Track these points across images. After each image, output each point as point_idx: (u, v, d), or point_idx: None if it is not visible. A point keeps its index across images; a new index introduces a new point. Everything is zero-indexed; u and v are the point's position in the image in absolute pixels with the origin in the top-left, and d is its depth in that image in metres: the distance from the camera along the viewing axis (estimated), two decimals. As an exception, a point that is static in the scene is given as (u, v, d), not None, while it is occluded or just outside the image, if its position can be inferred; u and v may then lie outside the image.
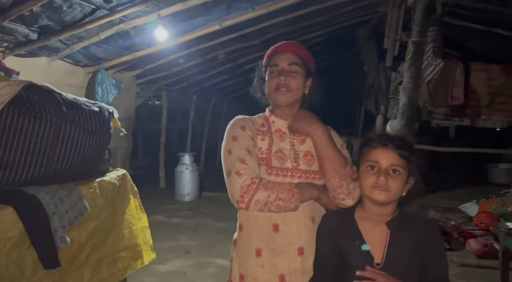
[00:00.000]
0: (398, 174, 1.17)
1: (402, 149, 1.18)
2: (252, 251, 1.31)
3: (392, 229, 1.19)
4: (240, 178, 1.21)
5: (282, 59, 1.36)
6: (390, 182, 1.16)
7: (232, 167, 1.25)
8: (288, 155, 1.35)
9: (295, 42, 1.43)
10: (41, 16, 2.74)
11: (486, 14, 4.29)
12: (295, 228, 1.29)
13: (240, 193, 1.20)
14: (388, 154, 1.18)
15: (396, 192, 1.17)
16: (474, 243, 3.79)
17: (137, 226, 2.30)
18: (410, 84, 3.51)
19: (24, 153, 1.67)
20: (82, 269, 1.85)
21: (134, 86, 5.31)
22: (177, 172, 6.31)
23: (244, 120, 1.39)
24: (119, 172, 2.24)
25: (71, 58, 3.75)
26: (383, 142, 1.20)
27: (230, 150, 1.29)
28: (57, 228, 1.64)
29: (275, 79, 1.34)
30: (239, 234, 1.38)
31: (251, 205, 1.21)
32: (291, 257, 1.28)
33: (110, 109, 2.07)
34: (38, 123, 1.69)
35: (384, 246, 1.18)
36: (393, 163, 1.17)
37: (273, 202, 1.21)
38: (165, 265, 3.69)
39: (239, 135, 1.32)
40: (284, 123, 1.41)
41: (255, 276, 1.30)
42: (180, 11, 3.33)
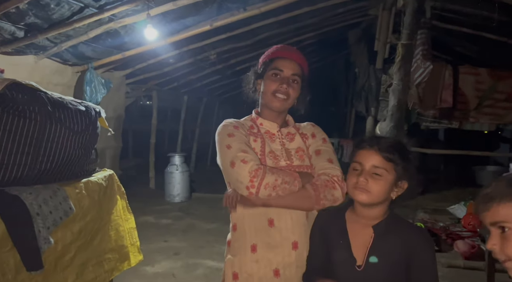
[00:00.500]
0: (381, 176, 1.16)
1: (388, 152, 1.17)
2: (247, 248, 1.32)
3: (377, 233, 1.19)
4: (247, 165, 1.22)
5: (288, 67, 1.38)
6: (371, 183, 1.15)
7: (235, 157, 1.25)
8: (281, 155, 1.38)
9: (298, 51, 1.45)
10: (28, 13, 2.69)
11: (474, 18, 4.35)
12: (290, 223, 1.30)
13: (249, 177, 1.21)
14: (372, 155, 1.18)
15: (377, 194, 1.16)
16: (462, 244, 3.84)
17: (124, 227, 2.27)
18: (399, 86, 3.54)
19: (7, 152, 1.63)
20: (66, 271, 1.82)
21: (123, 86, 5.26)
22: (167, 173, 6.26)
23: (235, 121, 1.42)
24: (106, 172, 2.21)
25: (59, 57, 3.69)
26: (370, 144, 1.20)
27: (229, 144, 1.30)
28: (40, 229, 1.60)
29: (277, 83, 1.37)
30: (233, 234, 1.39)
31: (261, 189, 1.21)
32: (285, 251, 1.30)
33: (97, 108, 2.04)
34: (22, 123, 1.66)
35: (367, 249, 1.17)
36: (375, 165, 1.16)
37: (280, 185, 1.23)
38: (153, 266, 3.66)
39: (234, 132, 1.34)
40: (272, 125, 1.43)
41: (250, 272, 1.31)
42: (171, 11, 3.30)
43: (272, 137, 1.41)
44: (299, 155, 1.39)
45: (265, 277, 1.30)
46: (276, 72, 1.38)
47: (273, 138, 1.41)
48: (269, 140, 1.40)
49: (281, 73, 1.37)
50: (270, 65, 1.40)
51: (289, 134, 1.45)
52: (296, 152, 1.40)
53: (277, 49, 1.43)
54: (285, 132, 1.45)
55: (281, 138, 1.42)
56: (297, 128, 1.49)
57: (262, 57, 1.47)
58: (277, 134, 1.42)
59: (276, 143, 1.40)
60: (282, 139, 1.42)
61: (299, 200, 1.27)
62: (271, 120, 1.43)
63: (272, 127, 1.43)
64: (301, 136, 1.46)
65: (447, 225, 4.47)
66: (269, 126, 1.43)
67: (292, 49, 1.44)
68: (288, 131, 1.45)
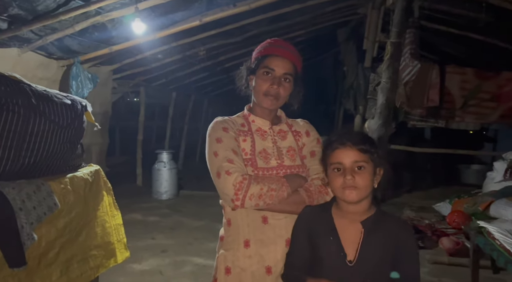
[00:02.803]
0: (364, 169, 1.18)
1: (361, 144, 1.19)
2: (240, 243, 1.33)
3: (366, 228, 1.20)
4: (231, 176, 1.22)
5: (280, 66, 1.35)
6: (357, 179, 1.17)
7: (220, 167, 1.25)
8: (272, 153, 1.37)
9: (292, 47, 1.43)
10: (12, 4, 2.61)
11: (461, 19, 4.42)
12: (283, 220, 1.31)
13: (234, 190, 1.21)
14: (349, 152, 1.19)
15: (365, 187, 1.18)
16: (447, 241, 3.90)
17: (111, 223, 2.23)
18: (387, 84, 3.57)
19: (-11, 146, 1.58)
20: (50, 268, 1.78)
21: (110, 81, 5.17)
22: (154, 170, 6.20)
23: (225, 121, 1.39)
24: (92, 167, 2.17)
25: (44, 50, 3.60)
26: (341, 142, 1.21)
27: (216, 151, 1.29)
28: (24, 224, 1.56)
29: (268, 83, 1.35)
30: (227, 229, 1.39)
31: (246, 201, 1.22)
32: (278, 248, 1.30)
33: (83, 102, 2.00)
34: (5, 116, 1.61)
35: (358, 244, 1.19)
36: (355, 160, 1.18)
37: (266, 193, 1.23)
38: (140, 264, 3.62)
39: (222, 137, 1.32)
40: (264, 122, 1.42)
41: (243, 267, 1.32)
42: (160, 5, 3.25)
43: (263, 135, 1.41)
44: (290, 154, 1.39)
45: (257, 272, 1.31)
46: (268, 71, 1.36)
47: (264, 136, 1.40)
48: (260, 138, 1.39)
49: (272, 72, 1.35)
50: (262, 62, 1.37)
51: (281, 131, 1.44)
52: (287, 151, 1.39)
53: (271, 45, 1.40)
54: (277, 129, 1.44)
55: (273, 136, 1.41)
56: (290, 126, 1.48)
57: (255, 52, 1.45)
58: (269, 132, 1.42)
59: (268, 140, 1.40)
60: (274, 137, 1.41)
61: (293, 205, 1.28)
62: (263, 118, 1.43)
63: (264, 124, 1.42)
64: (293, 134, 1.45)
65: (432, 222, 4.54)
66: (261, 123, 1.42)
67: (286, 45, 1.41)
68: (280, 129, 1.45)
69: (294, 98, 1.45)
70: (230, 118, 1.43)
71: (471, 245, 3.08)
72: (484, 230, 2.76)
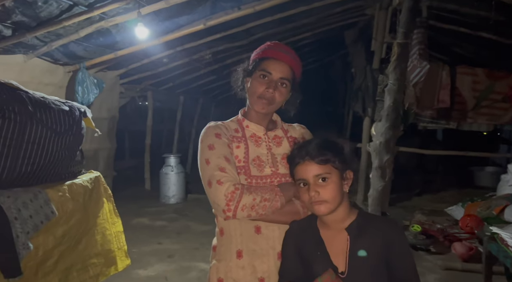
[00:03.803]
0: (328, 180, 1.16)
1: (320, 156, 1.16)
2: (233, 253, 1.30)
3: (352, 235, 1.17)
4: (222, 186, 1.19)
5: (277, 70, 1.31)
6: (322, 192, 1.14)
7: (211, 176, 1.22)
8: (266, 161, 1.33)
9: (292, 52, 1.38)
10: (15, 11, 2.63)
11: (471, 18, 4.31)
12: (277, 232, 1.28)
13: (225, 201, 1.18)
14: (308, 166, 1.16)
15: (333, 197, 1.15)
16: (459, 246, 3.79)
17: (111, 231, 2.21)
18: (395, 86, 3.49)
19: (-15, 154, 1.57)
20: (48, 277, 1.76)
21: (117, 86, 5.19)
22: (162, 174, 6.20)
23: (218, 127, 1.35)
24: (92, 174, 2.15)
25: (49, 56, 3.62)
26: (301, 156, 1.18)
27: (207, 159, 1.26)
28: (19, 234, 1.54)
29: (264, 86, 1.31)
30: (219, 239, 1.36)
31: (238, 212, 1.18)
32: (271, 260, 1.28)
33: (82, 108, 1.98)
34: (1, 123, 1.60)
35: (346, 253, 1.16)
36: (316, 174, 1.15)
37: (259, 204, 1.19)
38: (146, 269, 3.60)
39: (215, 144, 1.28)
40: (259, 128, 1.38)
41: (236, 278, 1.29)
42: (163, 9, 3.24)
43: (258, 141, 1.37)
44: (285, 162, 1.34)
45: None
46: (264, 74, 1.31)
47: (259, 142, 1.37)
48: (254, 144, 1.35)
49: (269, 76, 1.31)
50: (259, 65, 1.33)
51: (276, 137, 1.40)
52: (282, 159, 1.35)
53: (270, 48, 1.36)
54: (272, 135, 1.40)
55: (268, 142, 1.37)
56: (286, 131, 1.44)
57: (253, 53, 1.41)
58: (263, 138, 1.38)
59: (262, 147, 1.36)
60: (269, 143, 1.37)
61: (287, 216, 1.25)
62: (257, 123, 1.38)
63: (258, 130, 1.38)
64: (289, 140, 1.41)
65: (444, 226, 4.42)
66: (255, 129, 1.38)
67: (285, 49, 1.37)
68: (275, 135, 1.41)
69: (290, 104, 1.41)
70: (224, 123, 1.39)
71: (483, 251, 2.97)
72: (497, 236, 2.66)
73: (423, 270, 3.61)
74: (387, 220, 1.27)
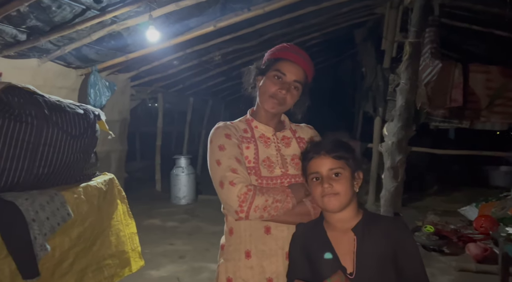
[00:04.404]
0: (340, 175, 1.19)
1: (335, 151, 1.20)
2: (241, 253, 1.30)
3: (358, 235, 1.18)
4: (235, 188, 1.19)
5: (292, 72, 1.32)
6: (335, 185, 1.17)
7: (223, 177, 1.22)
8: (276, 162, 1.34)
9: (307, 56, 1.38)
10: (29, 16, 2.67)
11: (484, 15, 4.25)
12: (286, 232, 1.29)
13: (238, 202, 1.18)
14: (324, 160, 1.20)
15: (345, 191, 1.18)
16: (474, 247, 3.73)
17: (125, 232, 2.23)
18: (407, 85, 3.45)
19: (3, 157, 1.60)
20: (65, 278, 1.78)
21: (128, 88, 5.24)
22: (172, 175, 6.24)
23: (227, 127, 1.35)
24: (106, 176, 2.17)
25: (62, 60, 3.67)
26: (316, 151, 1.22)
27: (218, 160, 1.26)
28: (37, 235, 1.57)
29: (277, 87, 1.31)
30: (228, 238, 1.36)
31: (251, 213, 1.19)
32: (279, 261, 1.28)
33: (96, 111, 2.01)
34: (18, 127, 1.63)
35: (354, 254, 1.16)
36: (331, 168, 1.19)
37: (271, 205, 1.20)
38: (158, 270, 3.62)
39: (225, 144, 1.28)
40: (267, 129, 1.38)
41: (245, 278, 1.29)
42: (174, 12, 3.26)
43: (267, 142, 1.37)
44: (294, 163, 1.35)
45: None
46: (279, 75, 1.32)
47: (268, 143, 1.37)
48: (263, 145, 1.36)
49: (283, 77, 1.31)
50: (274, 65, 1.33)
51: (285, 138, 1.40)
52: (291, 160, 1.36)
53: (286, 50, 1.36)
54: (281, 136, 1.40)
55: (277, 143, 1.38)
56: (294, 131, 1.44)
57: (268, 53, 1.41)
58: (272, 139, 1.38)
59: (272, 147, 1.36)
60: (278, 144, 1.38)
61: (298, 217, 1.26)
62: (266, 123, 1.39)
63: (267, 131, 1.38)
64: (297, 140, 1.41)
65: (458, 227, 4.36)
66: (264, 129, 1.38)
67: (301, 52, 1.37)
68: (284, 135, 1.41)
69: (298, 107, 1.41)
70: (232, 123, 1.39)
71: (499, 252, 2.93)
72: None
73: (436, 271, 3.57)
74: (394, 220, 1.26)
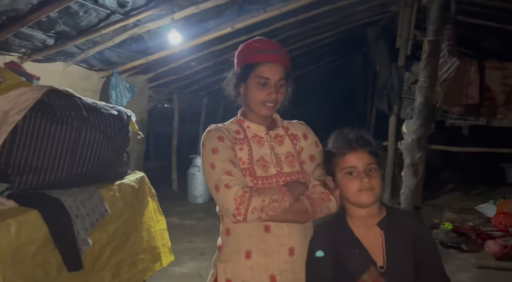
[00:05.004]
0: (374, 170, 1.21)
1: (370, 146, 1.22)
2: (241, 254, 1.29)
3: (385, 229, 1.21)
4: (231, 190, 1.18)
5: (274, 73, 1.30)
6: (372, 181, 1.18)
7: (218, 180, 1.21)
8: (270, 161, 1.33)
9: (279, 47, 1.36)
10: (58, 21, 2.78)
11: (499, 11, 4.23)
12: (286, 229, 1.28)
13: (235, 205, 1.17)
14: (361, 155, 1.21)
15: (379, 188, 1.20)
16: (493, 244, 3.74)
17: (156, 228, 2.31)
18: (426, 83, 3.47)
19: (47, 156, 1.69)
20: (103, 271, 1.87)
21: (146, 89, 5.35)
22: (189, 174, 6.34)
23: (220, 130, 1.34)
24: (137, 174, 2.26)
25: (85, 63, 3.79)
26: (350, 146, 1.21)
27: (212, 163, 1.25)
28: (79, 230, 1.66)
29: (264, 93, 1.30)
30: (225, 239, 1.36)
31: (249, 215, 1.18)
32: (282, 257, 1.28)
33: (128, 112, 2.09)
34: (60, 128, 1.71)
35: (382, 248, 1.19)
36: (368, 162, 1.20)
37: (268, 205, 1.19)
38: (181, 267, 3.71)
39: (218, 147, 1.27)
40: (260, 128, 1.38)
41: (244, 279, 1.28)
42: (193, 15, 3.34)
43: (260, 141, 1.37)
44: (289, 161, 1.35)
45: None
46: (263, 81, 1.30)
47: (261, 142, 1.36)
48: (257, 145, 1.35)
49: (268, 81, 1.30)
50: (253, 70, 1.31)
51: (278, 136, 1.40)
52: (286, 158, 1.36)
53: (259, 51, 1.31)
54: (273, 134, 1.40)
55: (270, 142, 1.37)
56: (286, 129, 1.44)
57: (240, 56, 1.36)
58: (265, 138, 1.38)
59: (265, 147, 1.36)
60: (271, 142, 1.37)
61: (295, 214, 1.25)
62: (258, 123, 1.39)
63: (259, 130, 1.38)
64: (290, 138, 1.41)
65: (476, 224, 4.35)
66: (256, 129, 1.38)
67: (274, 48, 1.33)
68: (277, 133, 1.41)
69: (286, 97, 1.40)
70: (225, 125, 1.40)
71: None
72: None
73: (455, 269, 3.57)
74: (412, 214, 1.34)
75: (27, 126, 1.64)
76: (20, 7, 2.38)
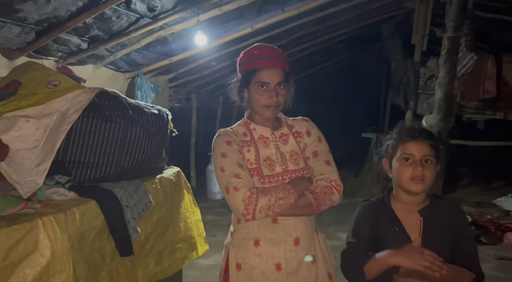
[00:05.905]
0: (430, 163, 1.27)
1: (432, 140, 1.28)
2: (250, 242, 1.40)
3: (424, 216, 1.29)
4: (239, 192, 1.27)
5: (273, 77, 1.37)
6: (425, 171, 1.25)
7: (228, 183, 1.30)
8: (276, 160, 1.42)
9: (277, 51, 1.43)
10: (93, 27, 2.93)
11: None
12: (292, 220, 1.39)
13: (244, 205, 1.26)
14: (421, 145, 1.27)
15: (430, 180, 1.27)
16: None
17: (191, 219, 2.46)
18: (446, 79, 3.54)
19: (98, 152, 1.84)
20: (148, 258, 2.02)
21: (167, 89, 5.51)
22: (208, 171, 6.49)
23: (228, 134, 1.43)
24: (174, 169, 2.41)
25: (113, 65, 3.95)
26: (413, 135, 1.28)
27: (222, 167, 1.34)
28: (130, 219, 1.81)
29: (265, 96, 1.38)
30: (236, 226, 1.47)
31: (257, 214, 1.26)
32: (288, 246, 1.38)
33: (167, 111, 2.24)
34: (109, 126, 1.86)
35: (419, 232, 1.27)
36: (425, 154, 1.26)
37: (275, 203, 1.27)
38: (206, 259, 3.87)
39: (227, 151, 1.36)
40: (265, 130, 1.47)
41: (252, 265, 1.40)
42: (216, 16, 3.47)
43: (266, 142, 1.45)
44: (293, 159, 1.43)
45: (267, 270, 1.38)
46: (263, 86, 1.38)
47: (267, 143, 1.44)
48: (263, 145, 1.43)
49: (268, 85, 1.37)
50: (253, 77, 1.39)
51: (283, 135, 1.48)
52: (290, 156, 1.44)
53: (257, 58, 1.39)
54: (279, 134, 1.48)
55: (275, 142, 1.45)
56: (291, 127, 1.52)
57: (242, 63, 1.45)
58: (271, 138, 1.46)
59: (271, 147, 1.44)
60: (277, 142, 1.45)
61: (301, 209, 1.33)
62: (264, 125, 1.47)
63: (265, 131, 1.47)
64: (294, 136, 1.49)
65: (495, 217, 4.40)
66: (262, 130, 1.47)
67: (272, 53, 1.40)
68: (282, 133, 1.48)
69: (288, 97, 1.48)
70: (232, 129, 1.48)
71: (541, 239, 2.99)
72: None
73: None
74: (455, 207, 1.37)
75: (81, 125, 1.79)
76: (61, 14, 2.55)
